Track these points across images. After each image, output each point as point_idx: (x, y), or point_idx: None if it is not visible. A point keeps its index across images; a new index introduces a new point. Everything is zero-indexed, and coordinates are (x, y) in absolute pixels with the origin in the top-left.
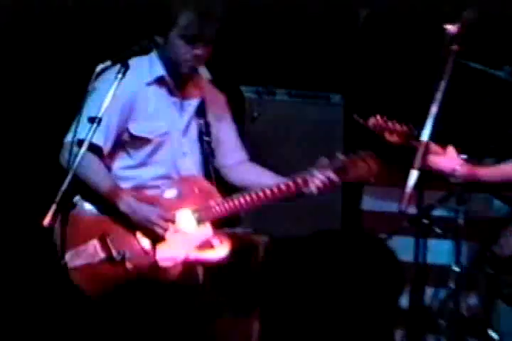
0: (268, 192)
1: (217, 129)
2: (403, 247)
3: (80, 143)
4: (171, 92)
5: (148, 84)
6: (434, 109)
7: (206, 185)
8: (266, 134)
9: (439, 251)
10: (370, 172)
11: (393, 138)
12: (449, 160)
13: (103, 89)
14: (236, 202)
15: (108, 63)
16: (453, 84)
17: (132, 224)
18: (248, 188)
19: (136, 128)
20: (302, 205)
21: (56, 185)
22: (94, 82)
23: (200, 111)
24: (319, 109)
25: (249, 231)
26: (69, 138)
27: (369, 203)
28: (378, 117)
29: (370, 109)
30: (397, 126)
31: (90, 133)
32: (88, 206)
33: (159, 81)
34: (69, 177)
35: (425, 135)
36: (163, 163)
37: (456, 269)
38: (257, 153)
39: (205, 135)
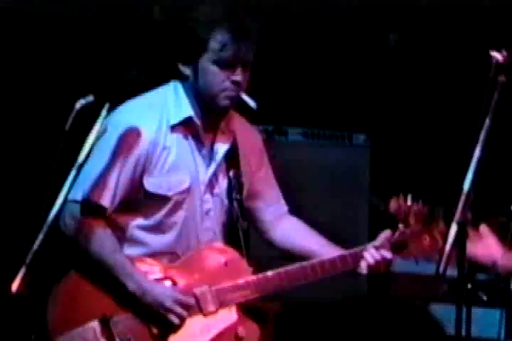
0: (308, 268)
1: (252, 178)
2: (442, 317)
3: (83, 203)
4: (198, 138)
5: (173, 127)
6: (477, 152)
7: (236, 256)
8: (277, 180)
9: (486, 322)
10: (434, 248)
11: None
12: (486, 248)
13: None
14: (271, 282)
15: (90, 98)
16: (498, 122)
17: (141, 306)
18: (289, 251)
19: (152, 185)
20: None
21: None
22: (102, 128)
23: (231, 159)
24: (340, 151)
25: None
26: (71, 196)
27: (400, 263)
28: (401, 201)
29: (399, 151)
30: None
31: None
32: (88, 279)
33: (186, 123)
34: (41, 235)
35: (467, 183)
36: (182, 224)
37: None
38: None
39: (235, 192)
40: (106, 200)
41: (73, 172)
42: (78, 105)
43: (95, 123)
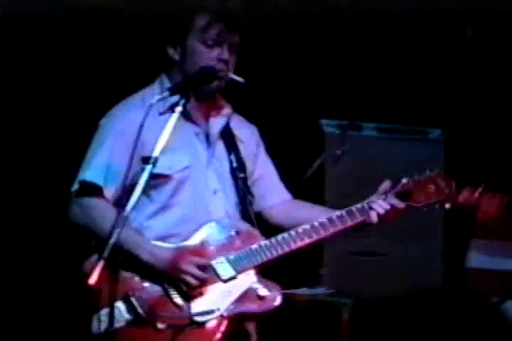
0: (317, 225)
1: (252, 167)
2: None
3: (83, 187)
4: (190, 119)
5: (161, 113)
6: None
7: (245, 226)
8: (350, 176)
9: None
10: (440, 194)
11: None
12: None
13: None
14: (284, 243)
15: (165, 94)
16: None
17: (159, 276)
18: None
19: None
20: (394, 261)
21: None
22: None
23: (230, 144)
24: (415, 146)
25: (331, 292)
26: (76, 186)
27: (477, 259)
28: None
29: (474, 146)
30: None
31: (145, 175)
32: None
33: (173, 108)
34: (118, 229)
35: None
36: (188, 203)
37: None
38: (339, 199)
39: (239, 171)
40: (99, 179)
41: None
42: (154, 100)
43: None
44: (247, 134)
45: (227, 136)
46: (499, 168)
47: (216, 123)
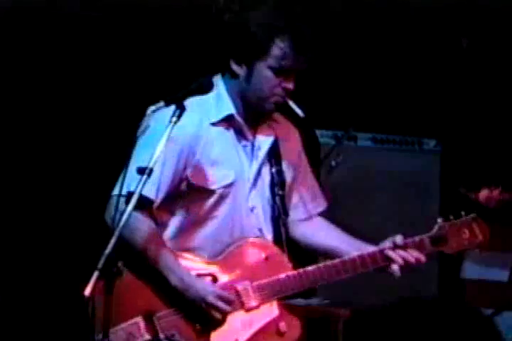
0: (348, 262)
1: (291, 176)
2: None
3: (129, 196)
4: (241, 134)
5: (214, 124)
6: None
7: (277, 251)
8: (345, 187)
9: None
10: (473, 242)
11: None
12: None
13: (154, 134)
14: (311, 276)
15: (161, 104)
16: None
17: (184, 301)
18: (313, 250)
19: (196, 177)
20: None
21: (98, 246)
22: (144, 126)
23: (274, 157)
24: (410, 157)
25: (326, 302)
26: (116, 191)
27: (472, 270)
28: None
29: (471, 158)
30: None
31: (140, 186)
32: (131, 274)
33: (227, 120)
34: (114, 238)
35: None
36: (224, 218)
37: None
38: (334, 210)
39: (278, 187)
40: (151, 192)
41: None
42: (149, 111)
43: (166, 129)
44: (288, 140)
45: (273, 153)
46: (496, 178)
47: (264, 140)
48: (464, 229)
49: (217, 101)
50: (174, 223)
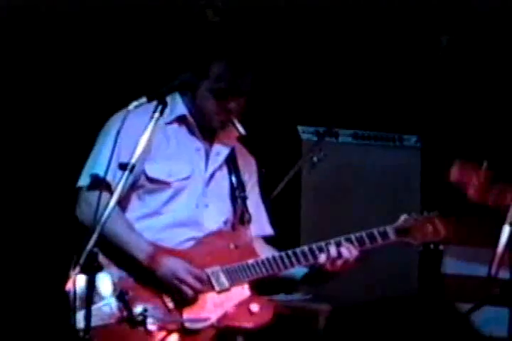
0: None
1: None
2: (494, 319)
3: (94, 179)
4: (194, 135)
5: (168, 123)
6: None
7: (246, 240)
8: (327, 183)
9: None
10: (438, 236)
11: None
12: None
13: (133, 130)
14: (280, 262)
15: (143, 100)
16: None
17: (155, 280)
18: None
19: (153, 170)
20: (371, 267)
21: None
22: (124, 122)
23: (232, 164)
24: (391, 153)
25: (308, 298)
26: (83, 182)
27: (452, 266)
28: (460, 167)
29: (451, 153)
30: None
31: (122, 181)
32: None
33: (180, 120)
34: (95, 234)
35: None
36: (180, 212)
37: None
38: (316, 207)
39: (239, 190)
40: (109, 174)
41: (126, 173)
42: (131, 106)
43: (149, 125)
44: (247, 164)
45: (231, 160)
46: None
47: (223, 148)
48: (427, 224)
49: (171, 103)
50: (130, 216)
